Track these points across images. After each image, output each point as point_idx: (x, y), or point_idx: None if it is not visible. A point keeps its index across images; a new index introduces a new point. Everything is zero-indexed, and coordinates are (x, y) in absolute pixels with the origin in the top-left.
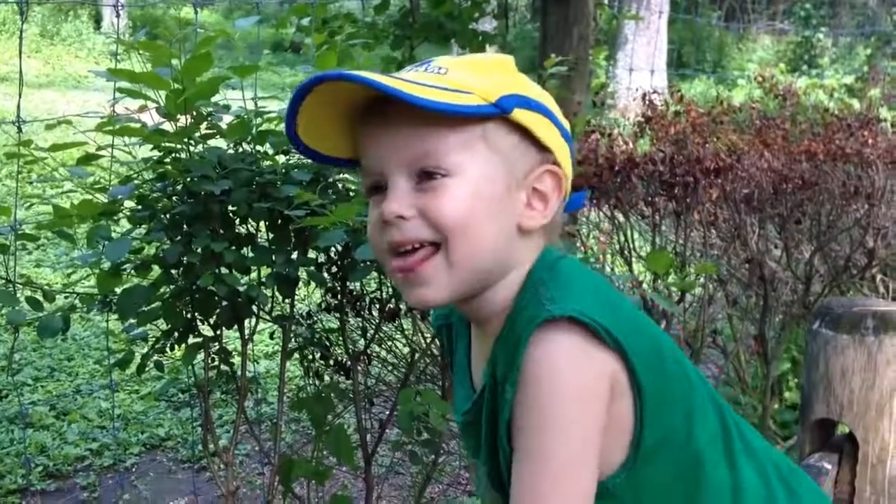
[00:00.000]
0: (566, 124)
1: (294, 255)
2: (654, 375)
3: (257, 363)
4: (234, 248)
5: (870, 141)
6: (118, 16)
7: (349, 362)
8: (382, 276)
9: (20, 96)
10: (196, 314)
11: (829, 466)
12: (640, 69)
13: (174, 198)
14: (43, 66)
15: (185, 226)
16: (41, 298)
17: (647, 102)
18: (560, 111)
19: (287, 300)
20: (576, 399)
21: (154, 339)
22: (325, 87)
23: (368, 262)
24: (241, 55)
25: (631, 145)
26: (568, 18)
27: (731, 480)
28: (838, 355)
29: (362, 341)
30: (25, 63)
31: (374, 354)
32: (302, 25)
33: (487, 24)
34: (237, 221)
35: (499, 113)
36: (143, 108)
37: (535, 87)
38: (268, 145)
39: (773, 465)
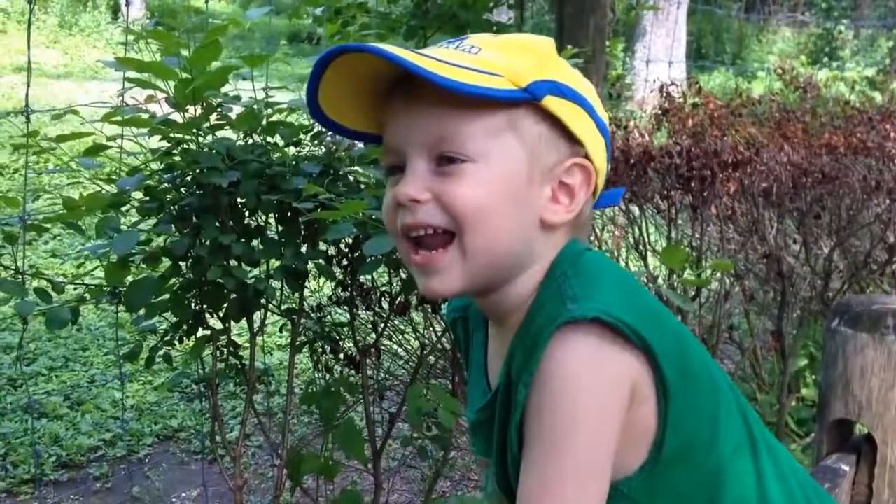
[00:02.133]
0: (604, 117)
1: (303, 249)
2: (680, 376)
3: (271, 354)
4: (242, 240)
5: (892, 134)
6: (128, 4)
7: (358, 356)
8: (393, 270)
9: (28, 86)
10: (204, 307)
11: (846, 468)
12: (658, 61)
13: (183, 189)
14: (61, 56)
15: (193, 217)
16: (50, 290)
17: (664, 94)
18: (599, 102)
19: (297, 293)
20: (594, 404)
21: (163, 331)
22: (348, 60)
23: (378, 257)
24: (257, 46)
25: (647, 138)
26: (584, 9)
27: (756, 496)
28: (857, 354)
29: (373, 335)
30: (44, 54)
31: (384, 348)
32: (316, 16)
33: (504, 15)
34: (246, 213)
35: (528, 99)
36: (150, 99)
37: (575, 75)
38: (278, 137)
39: (799, 485)
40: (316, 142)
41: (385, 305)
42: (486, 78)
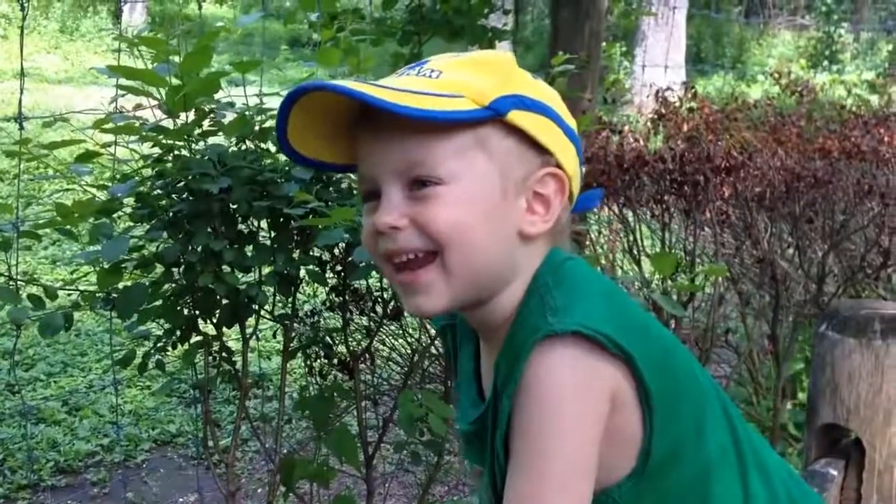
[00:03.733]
0: (572, 123)
1: (295, 254)
2: (664, 382)
3: (269, 359)
4: (234, 246)
5: (886, 138)
6: (120, 12)
7: (351, 361)
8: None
9: (21, 93)
10: (197, 313)
11: (834, 473)
12: (658, 65)
13: (174, 195)
14: (62, 61)
15: (185, 224)
16: (43, 296)
17: (659, 99)
18: (565, 109)
19: (289, 299)
20: (576, 412)
21: (156, 337)
22: (312, 97)
23: (369, 262)
24: (258, 51)
25: (642, 142)
26: (579, 14)
27: (742, 497)
28: (845, 359)
29: (366, 340)
30: (45, 59)
31: (377, 353)
32: (311, 21)
33: (500, 21)
34: (238, 220)
35: (493, 116)
36: (138, 106)
37: (538, 85)
38: (270, 143)
39: (783, 484)
40: None
41: (379, 310)
42: (447, 101)
